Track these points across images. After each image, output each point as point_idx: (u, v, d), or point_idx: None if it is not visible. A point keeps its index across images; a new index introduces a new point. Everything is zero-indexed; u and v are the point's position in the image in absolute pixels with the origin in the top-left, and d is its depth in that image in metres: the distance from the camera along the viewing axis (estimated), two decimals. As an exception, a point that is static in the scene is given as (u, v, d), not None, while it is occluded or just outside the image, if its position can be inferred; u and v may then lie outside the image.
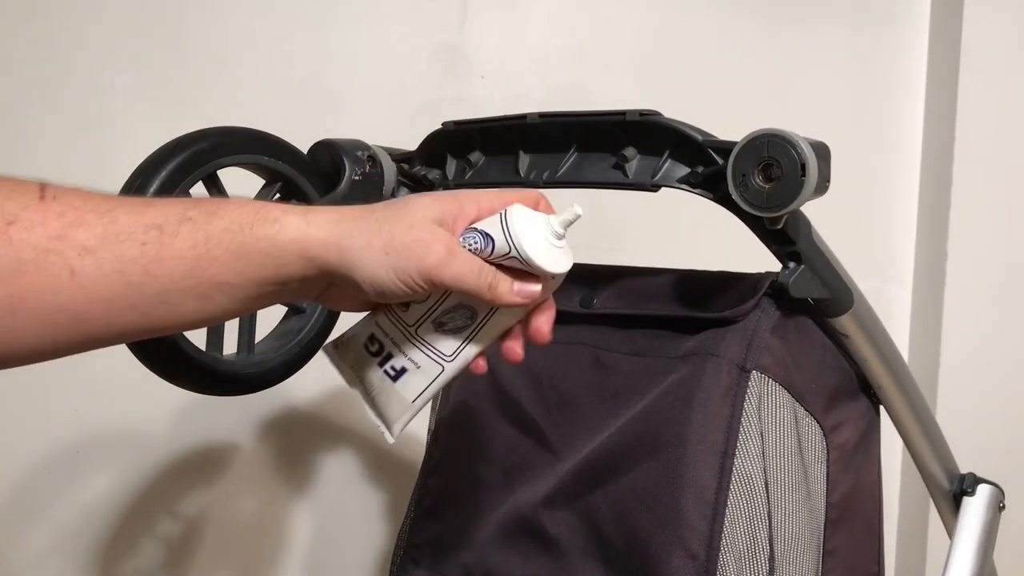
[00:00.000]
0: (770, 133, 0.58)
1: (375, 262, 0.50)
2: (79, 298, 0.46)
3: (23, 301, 0.44)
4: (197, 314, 0.50)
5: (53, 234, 0.45)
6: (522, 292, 0.54)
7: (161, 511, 1.29)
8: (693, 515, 0.63)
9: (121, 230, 0.46)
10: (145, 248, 0.47)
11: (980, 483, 0.82)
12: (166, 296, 0.48)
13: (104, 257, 0.46)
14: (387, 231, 0.51)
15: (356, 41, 1.28)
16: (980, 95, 1.29)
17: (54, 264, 0.45)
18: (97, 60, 1.22)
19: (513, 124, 0.70)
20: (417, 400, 0.58)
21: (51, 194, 0.46)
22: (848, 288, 0.67)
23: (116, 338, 0.49)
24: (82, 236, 0.45)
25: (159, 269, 0.47)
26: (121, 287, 0.46)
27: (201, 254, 0.48)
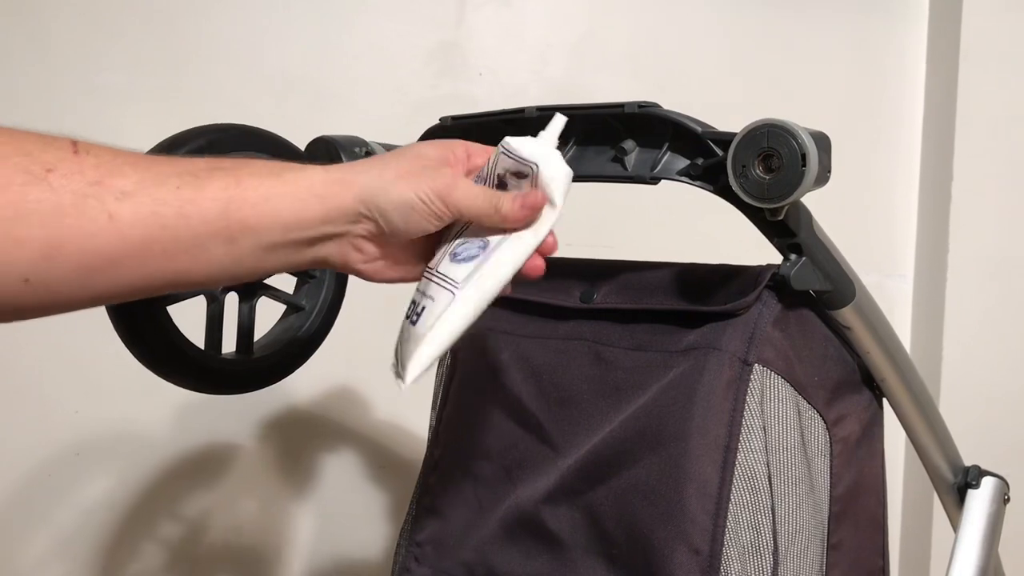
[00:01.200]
0: (770, 123, 0.58)
1: (393, 186, 0.54)
2: (115, 242, 0.47)
3: (62, 245, 0.45)
4: (224, 260, 0.51)
5: (91, 180, 0.46)
6: (526, 203, 0.57)
7: (162, 513, 1.29)
8: (696, 510, 0.63)
9: (157, 175, 0.48)
10: (180, 191, 0.48)
11: (984, 475, 0.82)
12: (197, 240, 0.49)
13: (141, 200, 0.47)
14: (394, 165, 0.55)
15: (353, 38, 1.28)
16: (980, 88, 1.28)
17: (93, 208, 0.46)
18: (91, 60, 1.22)
19: (511, 118, 0.70)
20: (430, 332, 0.57)
21: (83, 148, 0.47)
22: (850, 280, 0.66)
23: (146, 287, 0.51)
24: (120, 182, 0.47)
25: (192, 209, 0.49)
26: (156, 229, 0.48)
27: (232, 196, 0.50)
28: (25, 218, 0.44)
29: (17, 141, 0.46)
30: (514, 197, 0.58)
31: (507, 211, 0.57)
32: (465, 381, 0.80)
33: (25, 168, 0.44)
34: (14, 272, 0.44)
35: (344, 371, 1.30)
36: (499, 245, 0.58)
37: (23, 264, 0.44)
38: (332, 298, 0.79)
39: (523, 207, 0.58)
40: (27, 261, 0.44)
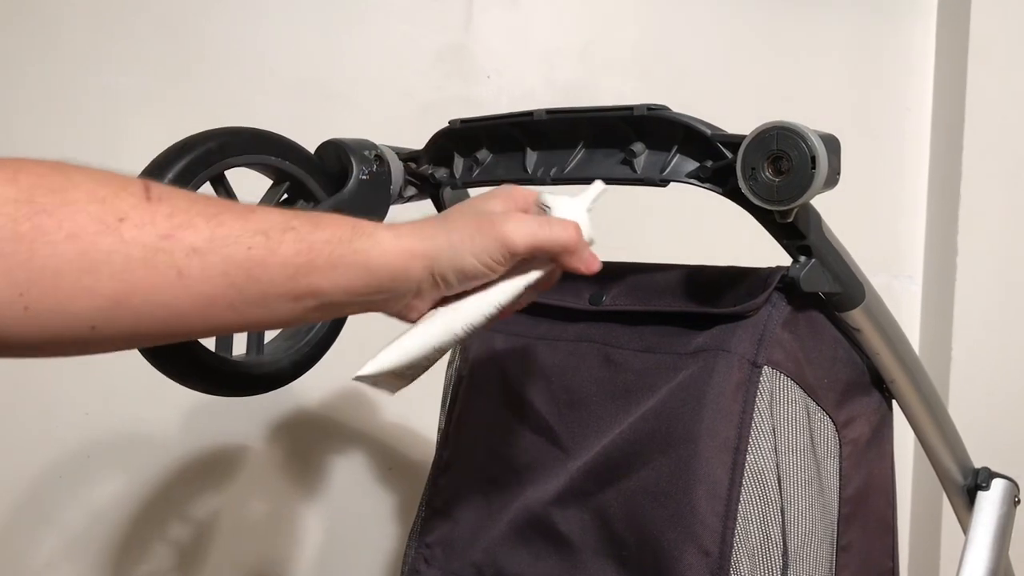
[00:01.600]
0: (779, 126, 0.58)
1: (460, 254, 0.56)
2: (182, 297, 0.47)
3: (129, 297, 0.45)
4: (287, 316, 0.53)
5: (163, 233, 0.46)
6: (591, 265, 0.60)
7: (172, 514, 1.29)
8: (706, 511, 0.63)
9: (228, 234, 0.48)
10: (251, 252, 0.49)
11: (995, 477, 0.82)
12: (264, 299, 0.50)
13: (211, 260, 0.47)
14: (462, 226, 0.56)
15: (362, 41, 1.28)
16: (989, 87, 1.28)
17: (163, 263, 0.46)
18: (103, 62, 1.22)
19: (520, 121, 0.70)
20: (402, 337, 0.58)
21: (156, 195, 0.47)
22: (859, 282, 0.66)
23: (206, 333, 0.52)
24: (191, 237, 0.47)
25: (262, 274, 0.49)
26: (223, 288, 0.48)
27: (303, 262, 0.50)
28: (96, 269, 0.44)
29: (89, 184, 0.45)
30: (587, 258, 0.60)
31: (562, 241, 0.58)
32: (475, 383, 0.80)
33: (98, 217, 0.44)
34: (82, 319, 0.45)
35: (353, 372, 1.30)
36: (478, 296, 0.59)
37: (91, 312, 0.45)
38: (342, 300, 0.79)
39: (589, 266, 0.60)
40: (95, 309, 0.45)
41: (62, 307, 0.44)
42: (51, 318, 0.44)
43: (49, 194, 0.44)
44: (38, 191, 0.43)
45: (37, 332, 0.44)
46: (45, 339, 0.45)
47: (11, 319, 0.43)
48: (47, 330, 0.44)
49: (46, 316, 0.44)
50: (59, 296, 0.44)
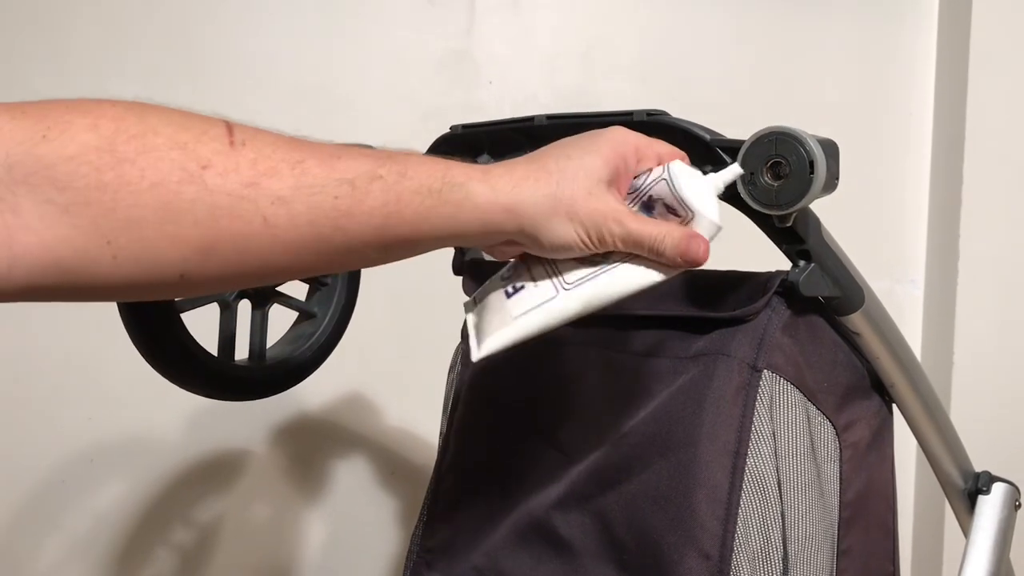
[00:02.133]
0: (778, 131, 0.58)
1: (560, 227, 0.54)
2: (268, 245, 0.46)
3: (216, 245, 0.45)
4: (375, 262, 0.52)
5: (247, 181, 0.45)
6: (688, 254, 0.56)
7: (175, 519, 1.30)
8: (706, 515, 0.63)
9: (314, 182, 0.47)
10: (337, 202, 0.48)
11: (995, 481, 0.82)
12: (350, 247, 0.49)
13: (297, 208, 0.47)
14: (568, 195, 0.53)
15: (365, 48, 1.29)
16: (990, 92, 1.28)
17: (248, 211, 0.45)
18: (107, 71, 1.23)
19: (521, 126, 0.70)
20: (520, 318, 0.57)
21: (239, 138, 0.46)
22: (859, 286, 0.66)
23: (292, 276, 0.52)
24: (275, 185, 0.46)
25: (349, 224, 0.48)
26: (310, 238, 0.48)
27: (391, 212, 0.49)
28: (180, 217, 0.44)
29: (171, 130, 0.45)
30: (677, 244, 0.55)
31: (668, 257, 0.56)
32: (476, 386, 0.80)
33: (180, 164, 0.44)
34: (170, 268, 0.45)
35: (355, 377, 1.30)
36: (621, 263, 0.57)
37: (178, 261, 0.45)
38: (344, 305, 0.79)
39: (684, 257, 0.56)
40: (182, 258, 0.45)
41: (149, 255, 0.44)
42: (139, 266, 0.44)
43: (130, 140, 0.43)
44: (119, 137, 0.43)
45: (127, 278, 0.44)
46: (136, 285, 0.45)
47: (101, 268, 0.43)
48: (137, 277, 0.44)
49: (134, 264, 0.44)
50: (145, 244, 0.44)
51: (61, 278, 0.43)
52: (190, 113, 0.47)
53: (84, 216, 0.42)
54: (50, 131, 0.42)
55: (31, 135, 0.41)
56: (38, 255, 0.42)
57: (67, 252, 0.42)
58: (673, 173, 0.57)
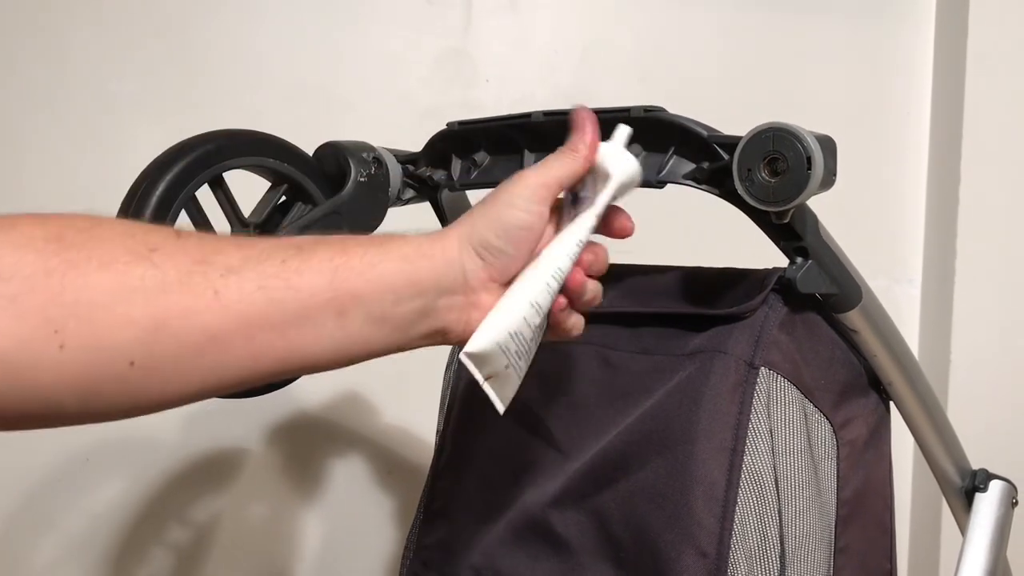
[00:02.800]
0: (775, 127, 0.58)
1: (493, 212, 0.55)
2: (221, 318, 0.46)
3: (167, 323, 0.44)
4: (335, 334, 0.50)
5: (195, 258, 0.46)
6: (581, 137, 0.58)
7: (171, 518, 1.29)
8: (703, 513, 0.63)
9: (261, 252, 0.48)
10: (285, 264, 0.48)
11: (992, 479, 0.82)
12: (306, 312, 0.48)
13: (247, 275, 0.47)
14: (483, 200, 0.56)
15: (361, 46, 1.28)
16: (987, 91, 1.28)
17: (198, 284, 0.45)
18: (103, 68, 1.22)
19: (517, 123, 0.70)
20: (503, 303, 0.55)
21: (186, 233, 0.47)
22: (856, 283, 0.66)
23: (254, 368, 0.48)
24: (223, 259, 0.47)
25: (300, 281, 0.48)
26: (263, 304, 0.47)
27: (339, 264, 0.50)
28: (129, 296, 0.43)
29: (120, 226, 0.46)
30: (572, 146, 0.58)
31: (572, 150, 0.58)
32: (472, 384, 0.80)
33: (129, 247, 0.44)
34: (120, 354, 0.43)
35: (352, 375, 1.30)
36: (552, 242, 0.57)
37: (127, 344, 0.43)
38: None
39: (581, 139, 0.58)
40: (132, 340, 0.43)
41: (99, 341, 0.43)
42: (87, 356, 0.43)
43: (79, 232, 0.43)
44: (68, 231, 0.43)
45: (75, 374, 0.43)
46: (83, 383, 0.43)
47: (47, 362, 0.42)
48: (85, 371, 0.43)
49: (83, 354, 0.42)
50: (95, 328, 0.42)
51: (3, 379, 0.41)
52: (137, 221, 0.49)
53: (30, 305, 0.41)
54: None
55: None
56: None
57: (11, 345, 0.41)
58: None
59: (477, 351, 0.54)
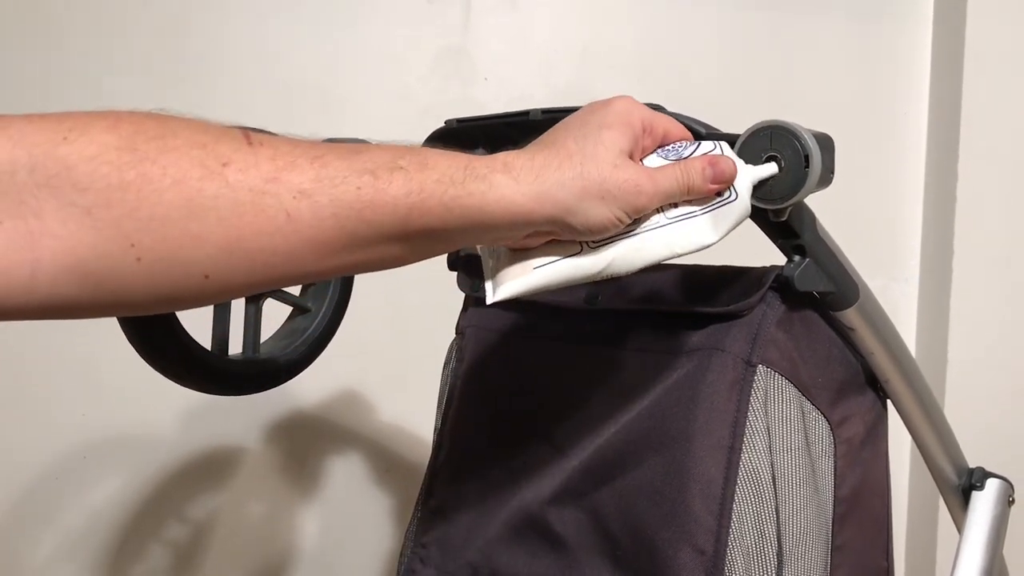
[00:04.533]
0: (773, 125, 0.58)
1: (592, 209, 0.53)
2: (293, 240, 0.46)
3: (240, 241, 0.45)
4: (400, 254, 0.51)
5: (268, 176, 0.45)
6: (716, 176, 0.56)
7: (169, 515, 1.29)
8: (700, 510, 0.63)
9: (335, 174, 0.47)
10: (360, 192, 0.47)
11: (989, 477, 0.82)
12: (376, 239, 0.48)
13: (319, 200, 0.46)
14: (595, 175, 0.52)
15: (360, 45, 1.28)
16: (984, 90, 1.28)
17: (271, 206, 0.45)
18: (99, 65, 1.22)
19: (516, 121, 0.70)
20: (541, 268, 0.56)
21: (257, 140, 0.46)
22: (854, 281, 0.66)
23: (321, 275, 0.50)
24: (296, 179, 0.45)
25: (373, 215, 0.47)
26: (335, 231, 0.47)
27: (414, 203, 0.48)
28: (203, 215, 0.43)
29: (189, 132, 0.45)
30: (702, 170, 0.56)
31: (698, 186, 0.56)
32: (470, 383, 0.80)
33: (201, 162, 0.44)
34: (195, 268, 0.44)
35: (350, 373, 1.30)
36: (650, 231, 0.56)
37: (202, 260, 0.44)
38: (338, 299, 0.79)
39: (715, 179, 0.56)
40: (206, 257, 0.44)
41: (173, 255, 0.43)
42: (164, 268, 0.43)
43: (150, 141, 0.43)
44: (139, 138, 0.43)
45: (152, 283, 0.44)
46: (162, 291, 0.44)
47: (125, 271, 0.42)
48: (162, 281, 0.44)
49: (159, 266, 0.43)
50: (169, 244, 0.43)
51: (85, 285, 0.42)
52: (207, 121, 0.47)
53: (106, 218, 0.42)
54: (71, 132, 0.42)
55: (52, 137, 0.41)
56: (61, 260, 0.41)
57: (90, 256, 0.42)
58: (724, 151, 0.57)
59: (498, 300, 0.56)
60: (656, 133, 0.58)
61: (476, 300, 0.82)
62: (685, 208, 0.57)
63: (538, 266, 0.56)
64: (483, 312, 0.81)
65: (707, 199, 0.57)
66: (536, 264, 0.56)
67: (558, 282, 0.56)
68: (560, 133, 0.55)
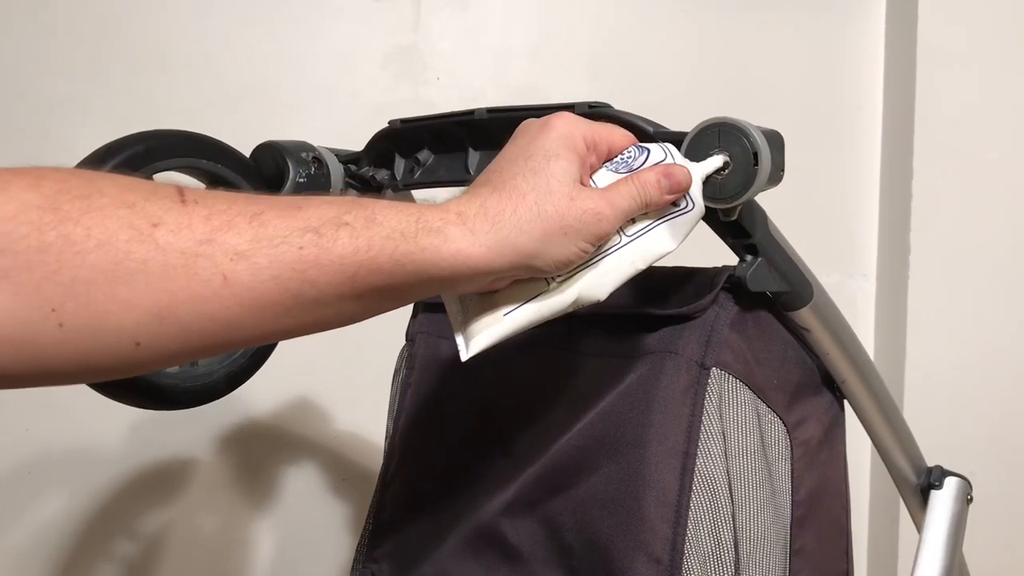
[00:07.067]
0: (721, 122, 0.56)
1: (556, 247, 0.51)
2: (231, 305, 0.43)
3: (173, 308, 0.42)
4: (355, 317, 0.49)
5: (202, 238, 0.42)
6: (672, 187, 0.55)
7: (119, 532, 1.26)
8: (655, 518, 0.61)
9: (275, 233, 0.44)
10: (302, 253, 0.44)
11: (948, 476, 0.81)
12: (323, 302, 0.46)
13: (258, 262, 0.43)
14: (552, 213, 0.51)
15: (308, 44, 1.26)
16: (938, 85, 1.29)
17: (205, 269, 0.42)
18: (42, 70, 1.19)
19: (461, 120, 0.68)
20: (511, 314, 0.54)
21: (191, 197, 0.43)
22: (807, 280, 0.65)
23: (262, 340, 0.47)
24: (233, 240, 0.43)
25: (318, 275, 0.45)
26: (276, 294, 0.44)
27: (363, 261, 0.46)
28: (131, 279, 0.41)
29: (117, 190, 0.42)
30: (657, 182, 0.54)
31: (655, 200, 0.55)
32: (421, 390, 0.78)
33: (129, 222, 0.41)
34: (124, 335, 0.41)
35: (303, 381, 1.28)
36: (609, 255, 0.55)
37: (131, 327, 0.41)
38: (282, 308, 0.76)
39: (670, 189, 0.55)
40: (135, 324, 0.41)
41: (99, 322, 0.40)
42: (89, 335, 0.41)
43: (74, 200, 0.40)
44: (63, 197, 0.40)
45: (77, 352, 0.41)
46: (86, 360, 0.41)
47: (46, 339, 0.40)
48: (88, 349, 0.41)
49: (84, 333, 0.40)
50: (95, 310, 0.40)
51: (3, 352, 0.39)
52: (138, 178, 0.44)
53: (26, 282, 0.39)
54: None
55: None
56: None
57: (7, 321, 0.39)
58: (674, 157, 0.56)
59: (473, 356, 0.55)
60: (600, 148, 0.56)
61: (426, 305, 0.80)
62: (642, 223, 0.56)
63: (508, 312, 0.54)
64: (433, 318, 0.79)
65: (664, 209, 0.56)
66: (506, 311, 0.54)
67: (530, 324, 0.55)
68: (506, 171, 0.53)
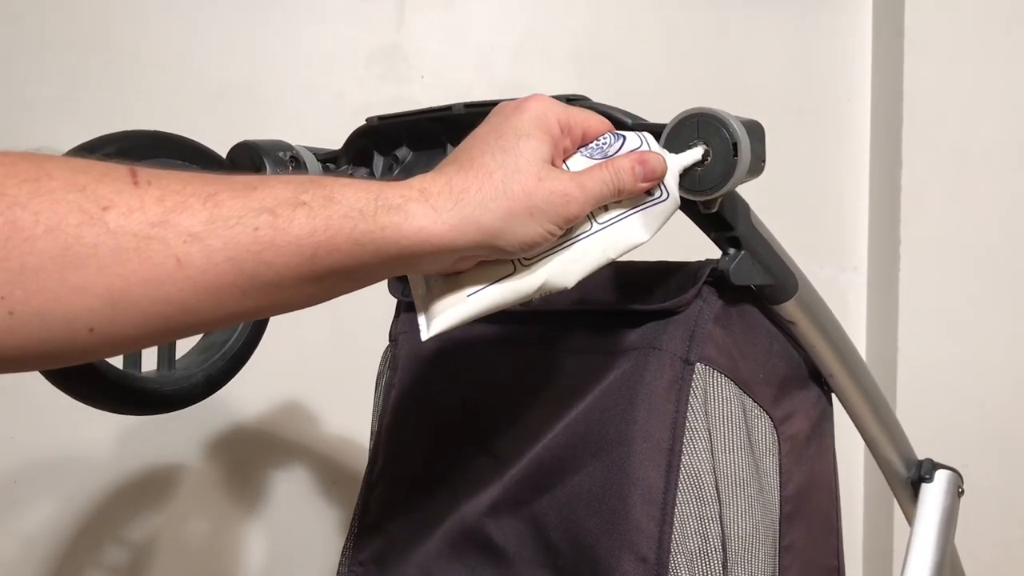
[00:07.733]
0: (699, 112, 0.56)
1: (521, 227, 0.50)
2: (186, 289, 0.42)
3: (126, 292, 0.41)
4: (315, 299, 0.48)
5: (154, 220, 0.41)
6: (645, 175, 0.54)
7: (107, 539, 1.25)
8: (641, 516, 0.60)
9: (229, 214, 0.43)
10: (258, 234, 0.43)
11: (938, 468, 0.81)
12: (280, 282, 0.45)
13: (212, 244, 0.42)
14: (519, 191, 0.49)
15: (291, 44, 1.25)
16: (926, 77, 1.28)
17: (158, 252, 0.41)
18: (22, 72, 1.18)
19: (438, 116, 0.67)
20: (475, 295, 0.53)
21: (144, 178, 0.42)
22: (792, 273, 0.64)
23: (221, 324, 0.46)
24: (187, 222, 0.42)
25: (274, 256, 0.44)
26: (232, 276, 0.43)
27: (320, 241, 0.45)
28: (82, 264, 0.40)
29: (67, 173, 0.41)
30: (631, 169, 0.53)
31: (629, 187, 0.53)
32: (404, 391, 0.77)
33: (78, 206, 0.40)
34: (76, 322, 0.40)
35: (292, 385, 1.26)
36: (579, 240, 0.54)
37: (84, 313, 0.40)
38: (261, 310, 0.76)
39: (644, 177, 0.54)
40: (88, 310, 0.40)
41: (50, 309, 0.40)
42: (40, 322, 0.40)
43: (22, 184, 0.39)
44: (9, 181, 0.39)
45: (29, 339, 0.40)
46: (39, 347, 0.40)
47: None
48: (40, 336, 0.40)
49: (34, 320, 0.39)
50: (45, 296, 0.39)
51: None
52: (91, 160, 0.43)
53: None
54: None
55: None
56: None
57: None
58: (651, 145, 0.55)
59: (433, 336, 0.54)
60: (575, 133, 0.55)
61: (408, 305, 0.79)
62: (615, 211, 0.55)
63: (472, 293, 0.53)
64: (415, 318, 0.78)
65: (638, 198, 0.55)
66: (470, 292, 0.53)
67: (494, 307, 0.54)
68: (476, 149, 0.52)
